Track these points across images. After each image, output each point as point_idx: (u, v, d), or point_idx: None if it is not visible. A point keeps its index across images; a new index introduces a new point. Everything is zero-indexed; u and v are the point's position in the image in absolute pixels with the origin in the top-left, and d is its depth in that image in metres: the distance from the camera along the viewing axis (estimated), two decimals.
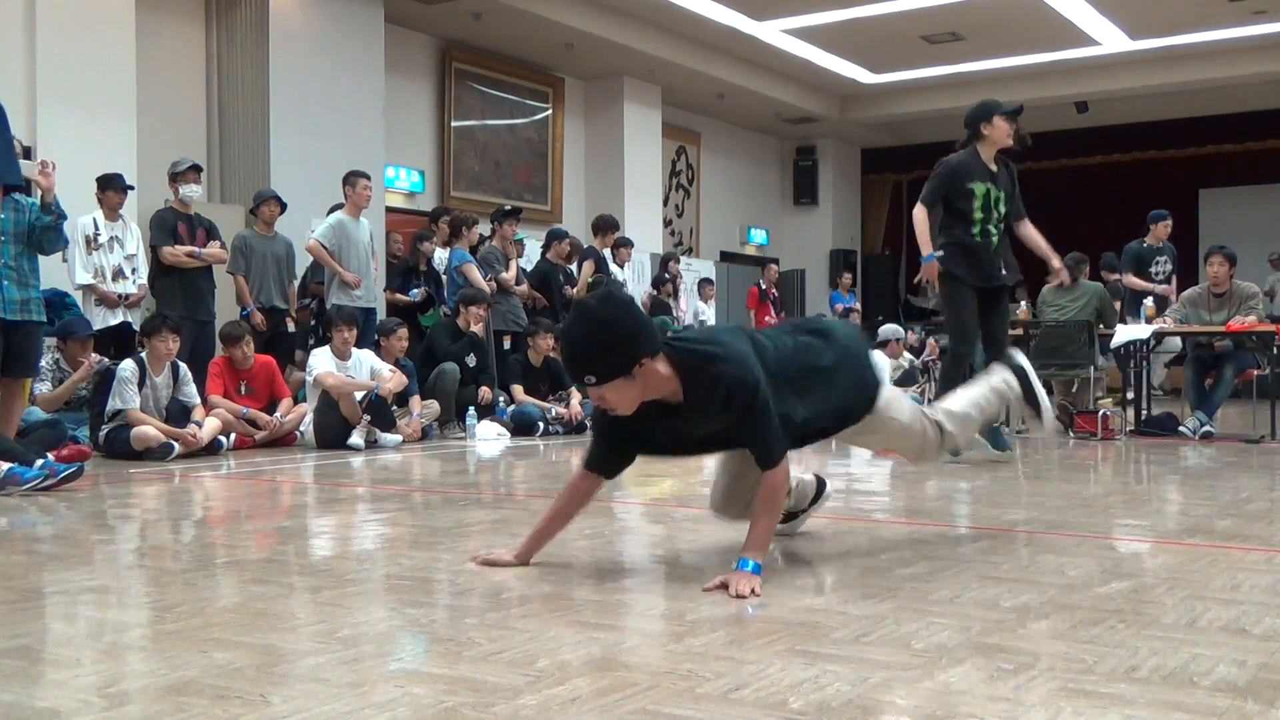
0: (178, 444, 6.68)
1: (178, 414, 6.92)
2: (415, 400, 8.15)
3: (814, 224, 18.49)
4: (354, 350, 7.74)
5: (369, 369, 7.73)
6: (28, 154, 7.46)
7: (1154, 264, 9.73)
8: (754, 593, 2.76)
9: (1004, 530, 3.94)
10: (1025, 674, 2.11)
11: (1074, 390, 9.02)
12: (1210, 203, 18.39)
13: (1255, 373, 8.71)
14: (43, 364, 6.67)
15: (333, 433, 7.44)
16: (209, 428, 6.97)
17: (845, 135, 18.30)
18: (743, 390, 2.87)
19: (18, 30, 8.13)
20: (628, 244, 11.57)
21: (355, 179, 8.60)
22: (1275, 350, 7.95)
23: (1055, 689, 2.02)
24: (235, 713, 1.90)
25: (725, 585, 2.81)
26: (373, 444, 7.48)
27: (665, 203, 15.73)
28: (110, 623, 2.63)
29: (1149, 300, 8.76)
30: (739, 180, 17.61)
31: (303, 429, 7.64)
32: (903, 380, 10.84)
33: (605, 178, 14.42)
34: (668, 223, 15.92)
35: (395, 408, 7.86)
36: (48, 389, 7.01)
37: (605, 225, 11.17)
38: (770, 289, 14.16)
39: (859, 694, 2.01)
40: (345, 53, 10.49)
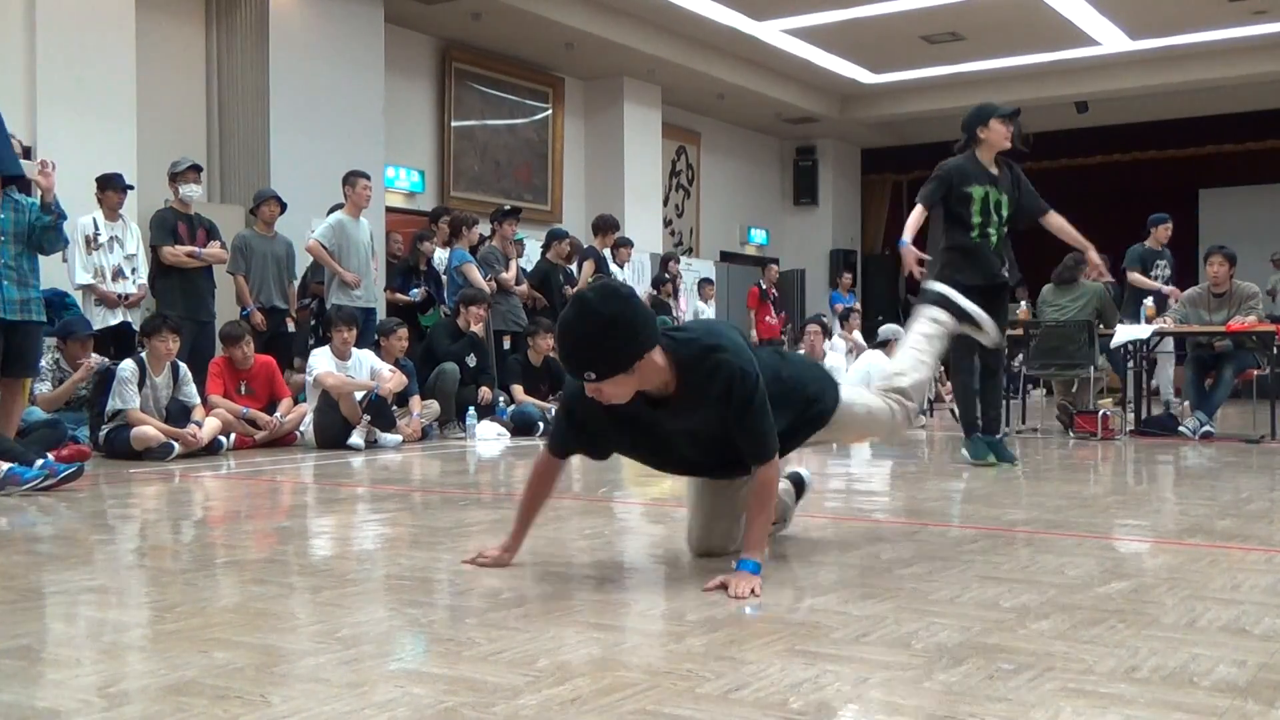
0: (178, 444, 6.68)
1: (178, 414, 6.92)
2: (415, 400, 8.15)
3: (814, 224, 18.49)
4: (354, 350, 7.74)
5: (369, 369, 7.73)
6: (28, 154, 7.46)
7: (1155, 267, 9.73)
8: (754, 593, 2.76)
9: (1004, 530, 3.94)
10: (1025, 674, 2.11)
11: (1074, 390, 9.02)
12: (1210, 203, 18.40)
13: (1255, 373, 8.71)
14: (43, 364, 6.67)
15: (333, 433, 7.44)
16: (209, 428, 6.97)
17: (845, 135, 18.29)
18: (744, 381, 2.85)
19: (18, 30, 8.13)
20: (628, 244, 11.57)
21: (355, 179, 8.59)
22: (1275, 350, 7.95)
23: (1055, 689, 2.02)
24: (235, 713, 1.90)
25: (725, 585, 2.81)
26: (373, 444, 7.48)
27: (665, 203, 15.73)
28: (110, 623, 2.63)
29: (1149, 300, 8.76)
30: (739, 180, 17.61)
31: (303, 429, 7.64)
32: None
33: (605, 178, 14.42)
34: (668, 223, 15.92)
35: (395, 408, 7.86)
36: (48, 389, 7.01)
37: (605, 225, 11.17)
38: (770, 289, 14.17)
39: (859, 694, 2.01)
40: (345, 53, 10.49)
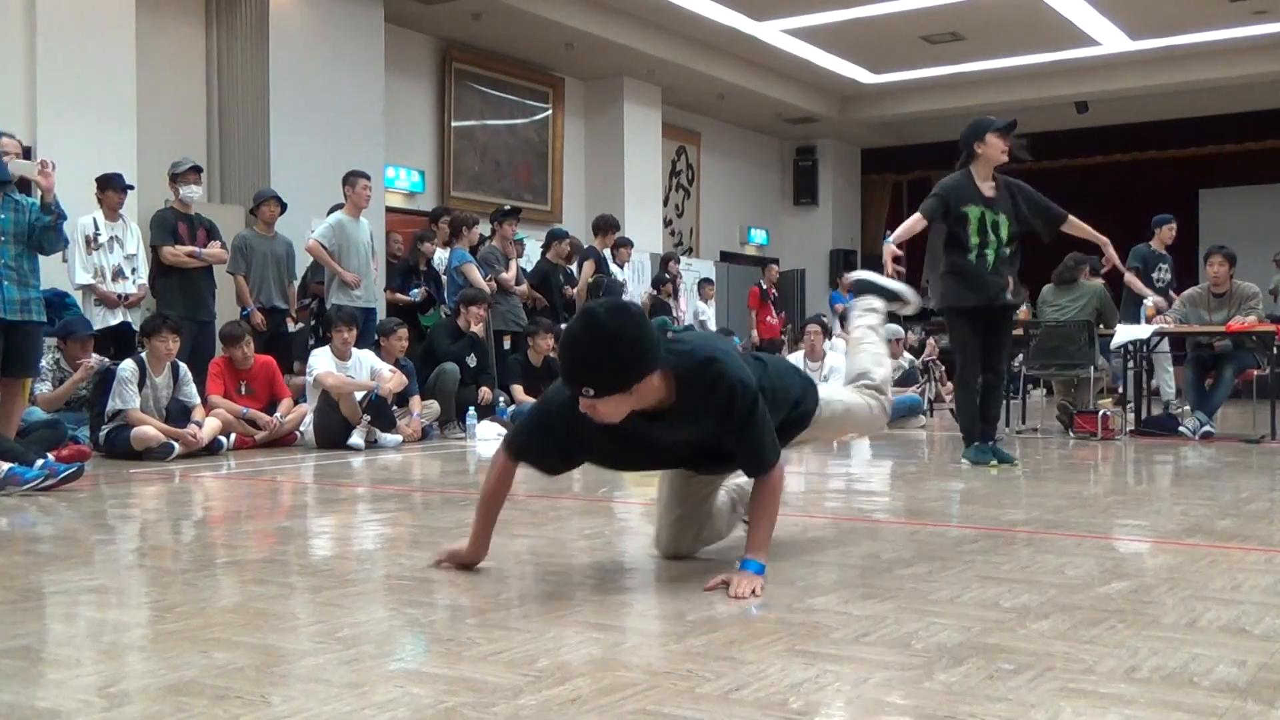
0: (178, 444, 6.68)
1: (178, 414, 6.92)
2: (415, 400, 8.15)
3: (814, 224, 18.50)
4: (354, 350, 7.74)
5: (369, 369, 7.73)
6: (28, 154, 7.46)
7: (1156, 269, 9.72)
8: (754, 593, 2.76)
9: (1004, 530, 3.94)
10: (1025, 674, 2.11)
11: (1074, 390, 9.01)
12: (1210, 203, 18.40)
13: (1255, 373, 8.71)
14: (43, 364, 6.67)
15: (333, 433, 7.44)
16: (209, 428, 6.97)
17: (845, 135, 18.29)
18: (744, 393, 2.84)
19: (18, 30, 8.13)
20: (628, 244, 11.57)
21: (355, 179, 8.59)
22: (1275, 350, 7.95)
23: (1055, 689, 2.02)
24: (235, 713, 1.90)
25: (726, 583, 2.81)
26: (373, 444, 7.48)
27: (665, 203, 15.73)
28: (110, 623, 2.63)
29: (1149, 300, 8.76)
30: (739, 180, 17.61)
31: (303, 429, 7.64)
32: (903, 380, 10.83)
33: (605, 178, 14.42)
34: (668, 223, 15.92)
35: (395, 408, 7.86)
36: (48, 389, 7.02)
37: (606, 225, 11.17)
38: (770, 289, 14.17)
39: (859, 694, 2.01)
40: (345, 53, 10.50)
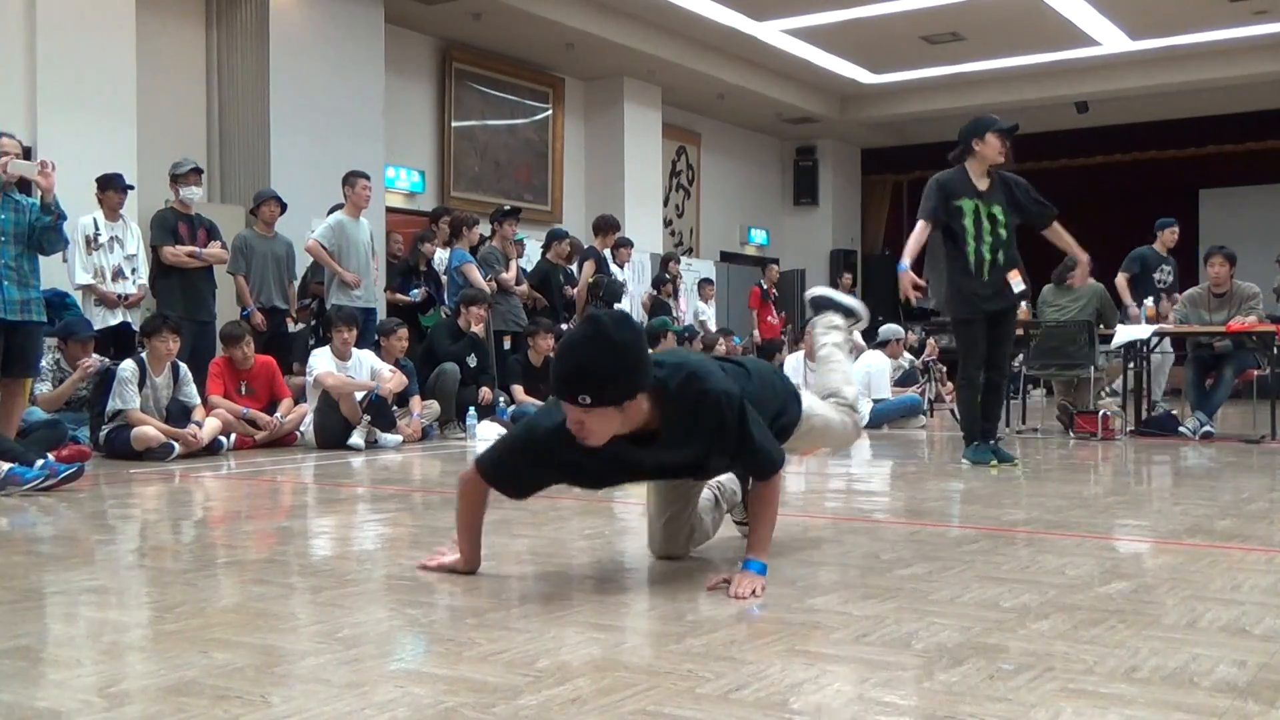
0: (178, 444, 6.68)
1: (178, 414, 6.92)
2: (415, 400, 8.15)
3: (814, 224, 18.50)
4: (354, 350, 7.74)
5: (369, 369, 7.73)
6: (28, 154, 7.45)
7: (1159, 270, 9.71)
8: (755, 594, 2.76)
9: (1004, 530, 3.93)
10: (1025, 674, 2.11)
11: (1074, 390, 9.01)
12: (1210, 203, 18.41)
13: (1255, 373, 8.70)
14: (43, 364, 6.67)
15: (333, 433, 7.44)
16: (209, 428, 6.97)
17: (845, 135, 18.30)
18: (731, 404, 2.80)
19: (18, 30, 8.13)
20: (628, 244, 11.57)
21: (354, 179, 8.59)
22: (1275, 350, 7.95)
23: (1055, 689, 2.02)
24: (235, 713, 1.90)
25: (727, 583, 2.81)
26: (373, 444, 7.48)
27: (665, 203, 15.73)
28: (110, 623, 2.63)
29: (1149, 300, 8.76)
30: (739, 180, 17.62)
31: (303, 429, 7.64)
32: (903, 380, 10.83)
33: (605, 178, 14.42)
34: (668, 223, 15.92)
35: (395, 408, 7.86)
36: (48, 389, 7.01)
37: (606, 225, 11.17)
38: (771, 289, 14.17)
39: (859, 694, 2.01)
40: (345, 53, 10.50)
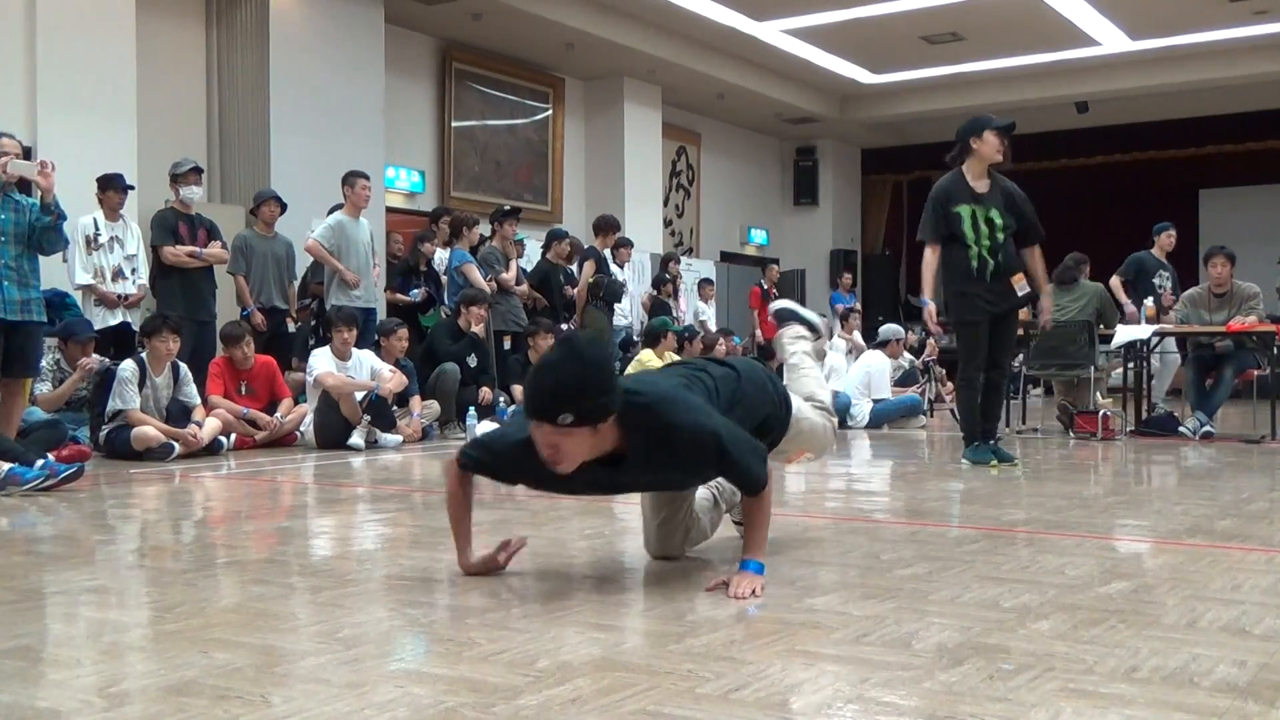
0: (178, 444, 6.68)
1: (178, 414, 6.92)
2: (415, 400, 8.15)
3: (814, 224, 18.49)
4: (354, 350, 7.74)
5: (369, 369, 7.73)
6: (28, 154, 7.45)
7: (1156, 276, 9.70)
8: (754, 594, 2.76)
9: (1004, 530, 3.94)
10: (1025, 674, 2.11)
11: (1074, 390, 9.01)
12: (1210, 203, 18.40)
13: (1255, 373, 8.70)
14: (43, 364, 6.67)
15: (333, 433, 7.44)
16: (209, 428, 6.97)
17: (845, 135, 18.29)
18: (704, 433, 2.76)
19: (18, 30, 8.13)
20: (628, 244, 11.57)
21: (354, 179, 8.58)
22: (1275, 350, 7.95)
23: (1055, 689, 2.02)
24: (235, 713, 1.90)
25: (726, 584, 2.81)
26: (373, 444, 7.48)
27: (665, 203, 15.73)
28: (110, 623, 2.63)
29: (1149, 301, 8.75)
30: (739, 180, 17.61)
31: (303, 429, 7.64)
32: (903, 380, 10.83)
33: (605, 178, 14.42)
34: (668, 223, 15.92)
35: (395, 408, 7.86)
36: (48, 389, 7.02)
37: (606, 225, 11.17)
38: (771, 289, 14.17)
39: (859, 694, 2.01)
40: (345, 53, 10.49)
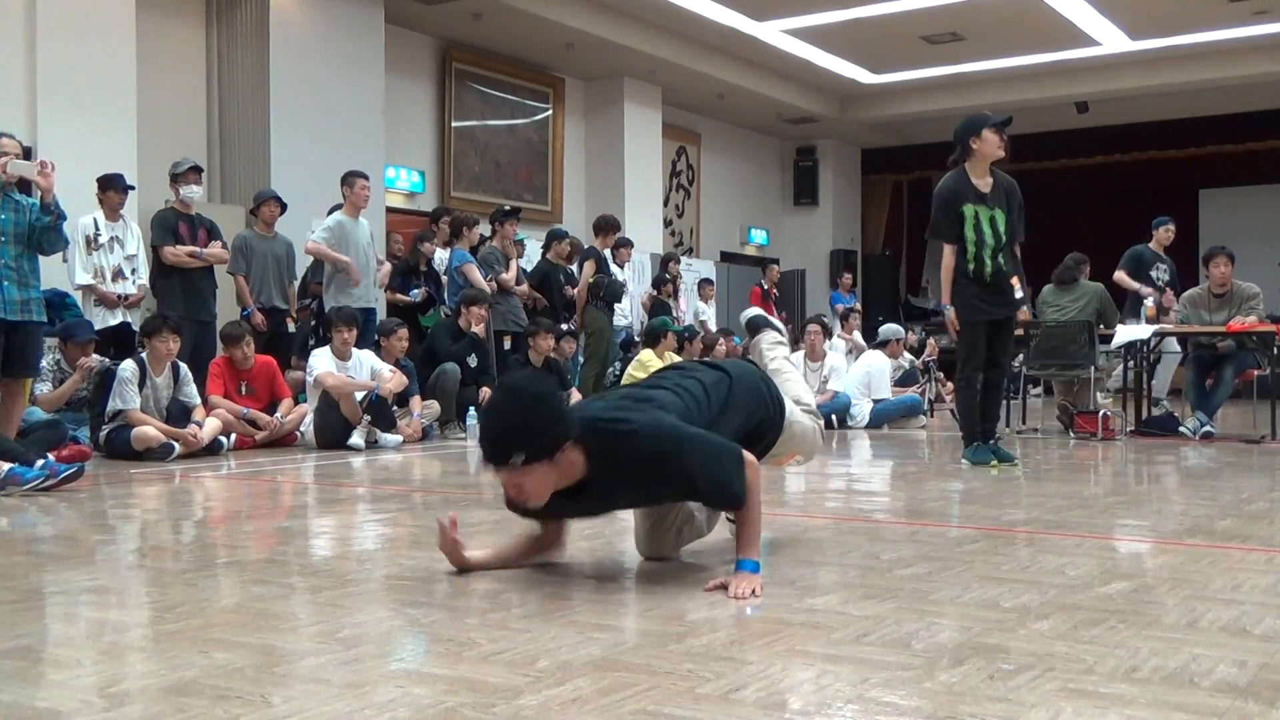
0: (178, 444, 6.68)
1: (178, 414, 6.92)
2: (416, 400, 8.15)
3: (814, 224, 18.49)
4: (354, 350, 7.74)
5: (369, 369, 7.73)
6: (28, 154, 7.45)
7: (1154, 268, 9.72)
8: (754, 593, 2.76)
9: (1004, 530, 3.94)
10: (1025, 674, 2.11)
11: (1074, 390, 9.01)
12: (1210, 203, 18.40)
13: (1255, 373, 8.71)
14: (43, 364, 6.67)
15: (333, 433, 7.44)
16: (209, 428, 6.97)
17: (845, 135, 18.29)
18: (662, 442, 2.78)
19: (18, 30, 8.13)
20: (628, 244, 11.57)
21: (353, 179, 8.58)
22: (1275, 350, 7.95)
23: (1055, 689, 2.02)
24: (235, 713, 1.90)
25: (725, 585, 2.81)
26: (373, 444, 7.48)
27: (665, 203, 15.73)
28: (110, 623, 2.63)
29: (1149, 301, 8.76)
30: (739, 180, 17.61)
31: (303, 429, 7.64)
32: (903, 380, 10.83)
33: (605, 178, 14.42)
34: (668, 223, 15.92)
35: (395, 408, 7.86)
36: (48, 389, 7.02)
37: (606, 225, 11.17)
38: (771, 289, 14.17)
39: (859, 694, 2.01)
40: (345, 53, 10.49)
